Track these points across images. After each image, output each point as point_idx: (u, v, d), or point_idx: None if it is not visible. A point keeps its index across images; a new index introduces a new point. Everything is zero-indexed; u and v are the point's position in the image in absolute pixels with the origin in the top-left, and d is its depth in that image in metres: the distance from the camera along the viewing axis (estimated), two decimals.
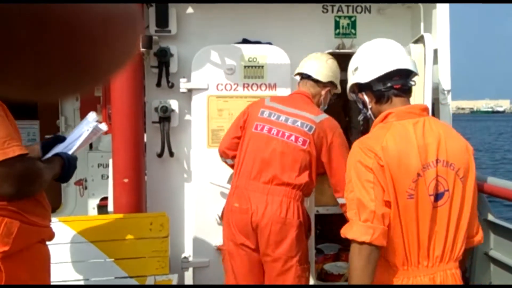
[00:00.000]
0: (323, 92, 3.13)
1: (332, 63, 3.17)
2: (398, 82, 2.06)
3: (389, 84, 2.05)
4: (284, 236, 2.81)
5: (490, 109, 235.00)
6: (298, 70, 3.21)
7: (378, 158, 1.87)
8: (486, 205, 4.86)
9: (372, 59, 2.12)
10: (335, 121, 3.03)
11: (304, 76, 3.16)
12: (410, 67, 2.08)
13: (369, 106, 2.13)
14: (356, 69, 2.16)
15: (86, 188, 4.77)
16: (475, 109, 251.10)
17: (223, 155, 3.24)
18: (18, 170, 1.82)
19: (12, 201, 1.87)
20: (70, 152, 2.28)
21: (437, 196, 1.88)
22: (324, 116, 2.99)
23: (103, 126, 2.43)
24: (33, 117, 5.47)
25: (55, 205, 5.14)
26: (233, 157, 3.13)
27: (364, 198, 1.84)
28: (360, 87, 2.17)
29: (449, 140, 1.94)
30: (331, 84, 3.15)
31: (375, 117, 2.11)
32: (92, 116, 2.45)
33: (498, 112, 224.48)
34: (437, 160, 1.89)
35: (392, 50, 2.14)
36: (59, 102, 5.27)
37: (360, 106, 2.21)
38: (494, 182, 4.64)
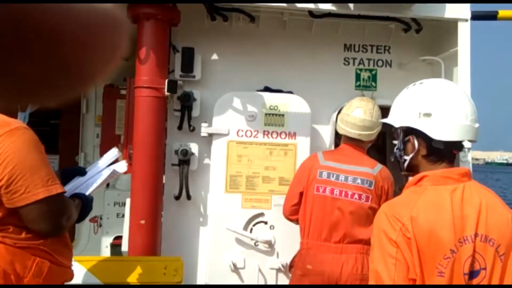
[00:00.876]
0: (374, 137, 3.27)
1: (377, 107, 3.29)
2: (459, 149, 1.90)
3: (451, 149, 1.85)
4: None
5: (504, 161, 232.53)
6: (351, 123, 3.19)
7: (405, 229, 1.66)
8: None
9: (451, 118, 1.83)
10: (387, 170, 3.21)
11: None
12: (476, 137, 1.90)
13: (412, 155, 1.88)
14: (428, 115, 1.84)
15: (100, 225, 4.77)
16: (489, 160, 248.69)
17: (288, 219, 3.35)
18: (57, 207, 1.86)
19: (45, 240, 1.89)
20: (87, 192, 2.31)
21: (472, 274, 1.68)
22: (379, 167, 3.18)
23: (122, 167, 2.46)
24: (53, 152, 5.55)
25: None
26: (297, 220, 3.27)
27: (382, 273, 1.66)
28: (417, 132, 1.86)
29: (490, 211, 1.72)
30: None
31: (409, 167, 1.90)
32: (113, 152, 2.49)
33: None
34: (475, 234, 1.67)
35: (472, 113, 1.86)
36: (79, 138, 5.36)
37: (400, 146, 1.91)
38: None
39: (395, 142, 1.96)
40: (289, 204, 3.28)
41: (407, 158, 1.90)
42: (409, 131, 1.88)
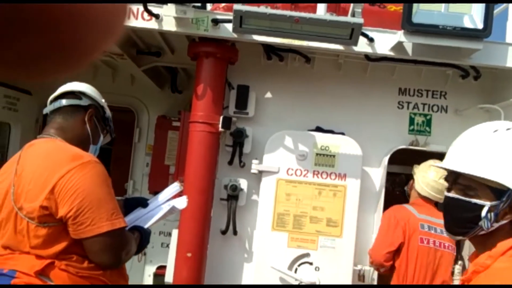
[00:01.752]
0: None
1: None
2: None
3: None
4: None
5: None
6: (439, 189, 3.49)
7: None
8: None
9: None
10: None
11: None
12: None
13: (503, 221, 1.51)
14: None
15: (145, 254, 4.83)
16: None
17: (380, 266, 3.50)
18: (119, 241, 1.91)
19: (105, 271, 1.94)
20: (146, 225, 2.35)
21: None
22: None
23: (182, 203, 2.50)
24: None
25: None
26: (389, 266, 3.48)
27: None
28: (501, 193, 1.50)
29: None
30: None
31: (486, 235, 1.54)
32: (175, 187, 2.53)
33: None
34: None
35: None
36: (130, 165, 5.50)
37: (498, 210, 1.49)
38: None
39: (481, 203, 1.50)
40: (385, 251, 3.44)
41: (495, 225, 1.51)
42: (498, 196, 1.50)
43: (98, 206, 1.88)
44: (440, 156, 4.03)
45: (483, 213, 1.49)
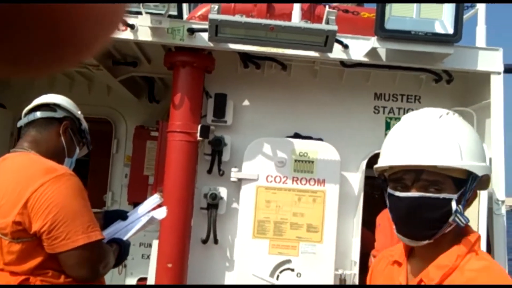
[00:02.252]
0: None
1: None
2: None
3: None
4: None
5: None
6: None
7: None
8: None
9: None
10: None
11: None
12: None
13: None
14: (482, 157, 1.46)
15: (125, 266, 4.77)
16: None
17: None
18: (96, 254, 1.88)
19: (84, 285, 1.91)
20: (125, 237, 2.33)
21: None
22: None
23: (162, 214, 2.48)
24: None
25: None
26: None
27: None
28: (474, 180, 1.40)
29: None
30: None
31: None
32: (155, 198, 2.51)
33: None
34: None
35: None
36: (108, 177, 5.43)
37: (463, 201, 1.39)
38: None
39: (448, 196, 1.36)
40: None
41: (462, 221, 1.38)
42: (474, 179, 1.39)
43: (73, 219, 1.85)
44: None
45: (453, 206, 1.35)
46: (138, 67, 4.41)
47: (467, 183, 1.38)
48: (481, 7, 3.65)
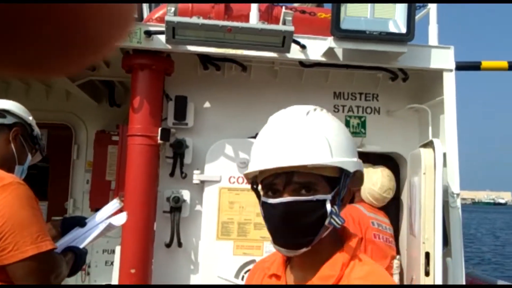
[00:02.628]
0: None
1: (388, 171, 4.09)
2: None
3: None
4: None
5: (491, 201, 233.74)
6: (384, 196, 3.92)
7: None
8: None
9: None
10: None
11: None
12: None
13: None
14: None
15: (88, 273, 4.68)
16: (476, 200, 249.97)
17: None
18: (46, 265, 1.83)
19: None
20: (82, 245, 2.28)
21: None
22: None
23: (121, 220, 2.44)
24: (42, 198, 5.51)
25: None
26: None
27: None
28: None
29: None
30: None
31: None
32: (114, 204, 2.47)
33: (500, 204, 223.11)
34: None
35: None
36: (69, 183, 5.32)
37: (331, 209, 1.27)
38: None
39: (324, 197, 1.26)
40: None
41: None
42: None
43: (21, 230, 1.80)
44: (376, 156, 4.19)
45: (328, 208, 1.24)
46: (96, 71, 4.34)
47: (340, 181, 1.27)
48: (432, 7, 3.77)
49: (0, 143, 2.10)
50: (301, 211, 1.24)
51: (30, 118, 2.29)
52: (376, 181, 3.88)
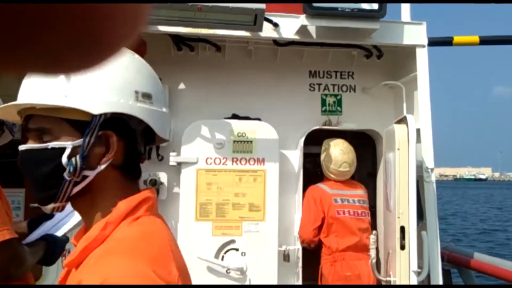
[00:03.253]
0: None
1: (346, 144, 4.05)
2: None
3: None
4: None
5: (473, 177, 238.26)
6: (344, 171, 3.93)
7: None
8: (474, 282, 4.84)
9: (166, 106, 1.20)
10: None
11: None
12: None
13: (104, 166, 1.05)
14: (148, 96, 1.10)
15: None
16: (458, 176, 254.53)
17: (310, 242, 3.83)
18: (5, 255, 1.80)
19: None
20: (59, 233, 2.25)
21: None
22: (362, 186, 3.99)
23: None
24: (18, 186, 5.43)
25: (35, 275, 4.96)
26: (317, 241, 3.85)
27: None
28: (122, 125, 1.08)
29: None
30: None
31: (83, 191, 1.07)
32: None
33: (480, 179, 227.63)
34: None
35: None
36: None
37: (83, 151, 1.02)
38: (481, 258, 4.67)
39: (51, 145, 1.03)
40: (311, 228, 3.78)
41: (91, 173, 1.04)
42: (108, 123, 1.04)
43: None
44: (352, 133, 4.22)
45: (64, 158, 1.01)
46: None
47: (90, 127, 1.03)
48: None
49: None
50: (35, 161, 1.04)
51: None
52: (329, 156, 3.94)
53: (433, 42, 3.72)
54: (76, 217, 2.30)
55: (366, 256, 3.77)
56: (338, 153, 3.90)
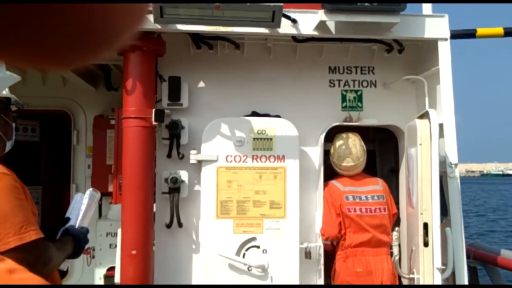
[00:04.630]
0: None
1: (352, 139, 3.97)
2: None
3: None
4: None
5: (500, 172, 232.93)
6: (347, 166, 3.86)
7: None
8: (501, 279, 4.74)
9: None
10: (384, 182, 3.94)
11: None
12: None
13: None
14: None
15: (93, 257, 4.73)
16: (485, 172, 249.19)
17: (335, 239, 3.78)
18: (32, 255, 1.82)
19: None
20: (76, 223, 2.27)
21: None
22: (380, 181, 3.88)
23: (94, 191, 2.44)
24: (35, 183, 5.66)
25: (62, 274, 5.07)
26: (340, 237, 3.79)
27: None
28: None
29: None
30: None
31: None
32: (87, 192, 2.44)
33: (509, 175, 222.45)
34: None
35: None
36: (71, 170, 5.36)
37: None
38: (509, 255, 4.56)
39: None
40: (336, 223, 3.74)
41: None
42: None
43: (4, 221, 1.77)
44: (373, 129, 4.16)
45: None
46: None
47: None
48: None
49: None
50: None
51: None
52: (334, 152, 3.89)
53: (456, 35, 3.64)
54: (83, 205, 2.32)
55: (382, 252, 3.73)
56: (341, 149, 3.86)
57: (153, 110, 3.48)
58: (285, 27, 3.39)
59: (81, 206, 2.30)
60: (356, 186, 3.83)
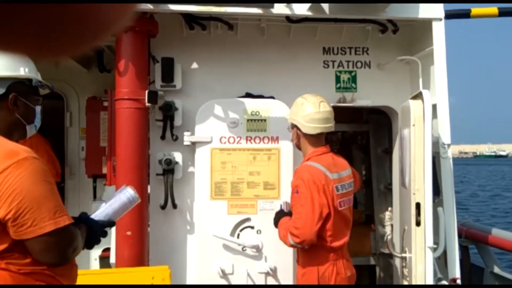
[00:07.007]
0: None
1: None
2: None
3: None
4: None
5: (493, 153, 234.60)
6: (325, 118, 3.10)
7: None
8: (492, 257, 4.81)
9: None
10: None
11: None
12: None
13: None
14: None
15: None
16: (478, 153, 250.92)
17: (310, 243, 2.95)
18: (64, 239, 1.84)
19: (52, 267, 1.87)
20: (103, 217, 2.21)
21: None
22: (348, 166, 3.24)
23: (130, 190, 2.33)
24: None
25: None
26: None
27: None
28: None
29: None
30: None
31: None
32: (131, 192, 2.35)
33: (501, 156, 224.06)
34: None
35: None
36: (64, 152, 5.34)
37: None
38: (500, 234, 4.63)
39: None
40: (316, 227, 2.90)
41: None
42: None
43: (39, 206, 1.79)
44: (367, 110, 4.17)
45: None
46: None
47: None
48: None
49: (3, 115, 2.04)
50: None
51: (22, 69, 2.16)
52: (305, 104, 3.14)
53: (450, 15, 3.62)
54: (116, 203, 2.27)
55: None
56: (320, 98, 3.19)
57: (146, 92, 3.46)
58: (279, 7, 3.36)
59: (117, 203, 2.25)
60: (338, 172, 3.08)
